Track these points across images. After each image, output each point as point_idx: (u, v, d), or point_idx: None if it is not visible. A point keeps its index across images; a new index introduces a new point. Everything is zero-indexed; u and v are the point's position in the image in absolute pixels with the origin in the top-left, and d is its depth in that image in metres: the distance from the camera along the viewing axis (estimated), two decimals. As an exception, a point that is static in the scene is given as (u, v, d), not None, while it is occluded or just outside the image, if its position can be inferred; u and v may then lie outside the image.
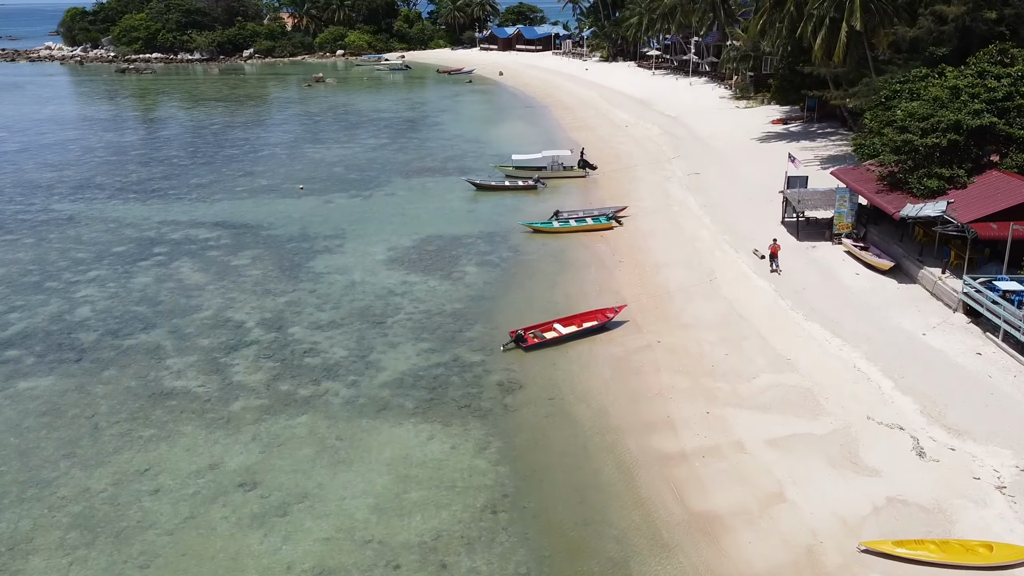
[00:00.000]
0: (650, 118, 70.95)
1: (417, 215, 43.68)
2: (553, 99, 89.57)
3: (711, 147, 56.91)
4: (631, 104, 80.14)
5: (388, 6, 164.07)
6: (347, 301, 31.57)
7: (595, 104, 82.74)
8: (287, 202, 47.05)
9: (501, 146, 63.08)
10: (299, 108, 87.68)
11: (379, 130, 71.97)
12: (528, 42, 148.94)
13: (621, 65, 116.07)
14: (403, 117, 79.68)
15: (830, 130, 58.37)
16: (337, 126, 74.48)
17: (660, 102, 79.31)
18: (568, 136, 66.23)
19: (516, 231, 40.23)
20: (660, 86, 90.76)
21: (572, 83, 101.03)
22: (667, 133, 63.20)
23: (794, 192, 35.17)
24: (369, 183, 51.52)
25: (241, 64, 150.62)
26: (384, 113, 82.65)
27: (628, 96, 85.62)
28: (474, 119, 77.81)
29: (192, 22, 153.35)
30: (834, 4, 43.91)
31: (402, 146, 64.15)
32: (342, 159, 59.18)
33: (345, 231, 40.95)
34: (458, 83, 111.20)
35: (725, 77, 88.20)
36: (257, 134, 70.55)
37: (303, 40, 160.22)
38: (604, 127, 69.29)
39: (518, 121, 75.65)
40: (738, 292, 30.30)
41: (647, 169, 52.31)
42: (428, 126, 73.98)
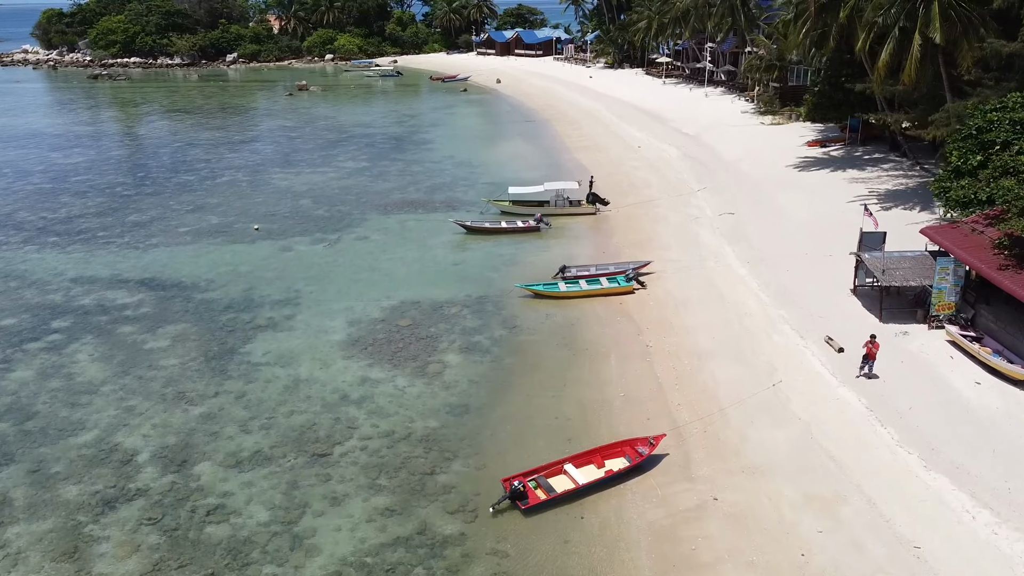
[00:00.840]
0: (666, 136, 62.76)
1: (391, 271, 35.46)
2: (555, 111, 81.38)
3: (741, 175, 48.74)
4: (643, 119, 71.97)
5: (380, 8, 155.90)
6: (284, 415, 23.39)
7: (602, 118, 74.56)
8: (236, 249, 38.83)
9: (497, 170, 54.98)
10: (275, 122, 79.44)
11: (360, 149, 63.77)
12: (528, 47, 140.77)
13: (628, 72, 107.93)
14: (388, 133, 71.48)
15: (878, 155, 50.23)
16: (313, 144, 66.26)
17: (675, 116, 71.15)
18: (574, 158, 58.09)
19: (513, 295, 32.07)
20: (673, 97, 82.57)
21: (575, 92, 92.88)
22: (687, 156, 55.00)
23: (876, 258, 26.96)
24: (339, 221, 43.34)
25: (224, 69, 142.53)
26: (368, 128, 74.45)
27: (638, 109, 77.44)
28: (467, 136, 69.63)
29: (172, 25, 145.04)
30: (904, 11, 35.71)
31: (383, 170, 55.96)
32: (312, 188, 50.99)
33: (299, 294, 32.75)
34: (452, 92, 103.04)
35: (746, 88, 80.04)
36: (221, 155, 62.31)
37: (290, 44, 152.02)
38: (614, 147, 61.11)
39: (516, 139, 67.47)
40: (816, 409, 22.14)
41: (669, 204, 44.13)
42: (415, 144, 65.80)
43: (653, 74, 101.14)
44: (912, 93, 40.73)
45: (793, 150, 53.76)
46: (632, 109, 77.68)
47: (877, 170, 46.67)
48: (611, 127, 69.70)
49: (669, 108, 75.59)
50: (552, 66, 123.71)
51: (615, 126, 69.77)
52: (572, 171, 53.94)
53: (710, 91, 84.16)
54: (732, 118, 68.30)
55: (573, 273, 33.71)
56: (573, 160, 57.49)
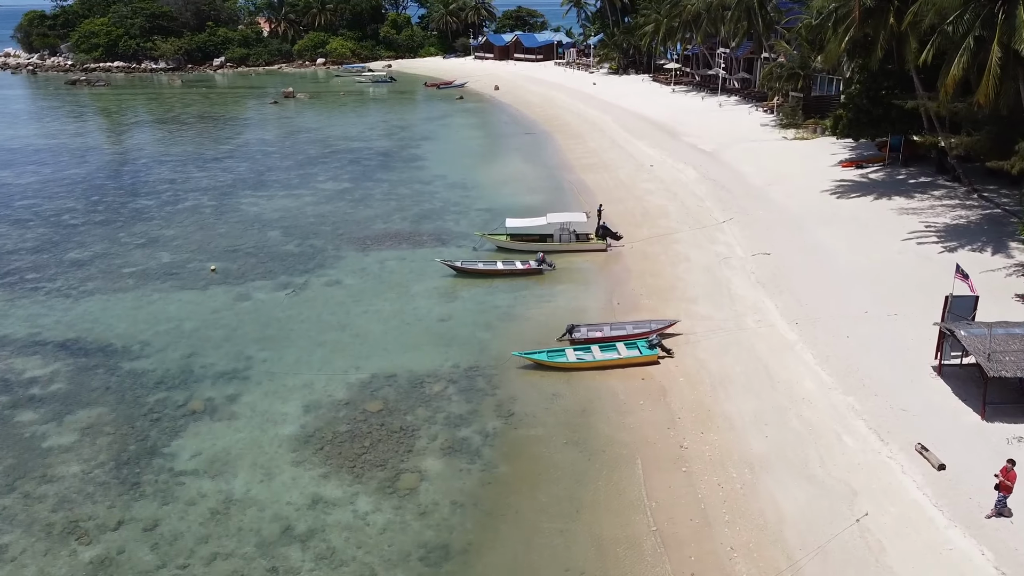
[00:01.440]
0: (680, 153, 56.85)
1: (364, 329, 29.55)
2: (558, 122, 75.51)
3: (771, 203, 42.84)
4: (653, 132, 66.07)
5: (374, 10, 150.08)
6: (203, 560, 17.48)
7: (608, 130, 68.67)
8: (185, 298, 32.94)
9: (493, 194, 49.15)
10: (254, 134, 73.54)
11: (343, 167, 57.85)
12: (527, 51, 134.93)
13: (634, 79, 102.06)
14: (376, 148, 65.57)
15: (924, 179, 44.37)
16: (292, 161, 60.34)
17: (689, 129, 65.26)
18: (578, 179, 52.22)
19: (510, 364, 26.19)
20: (684, 107, 76.69)
21: (578, 101, 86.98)
22: (707, 178, 49.10)
23: (977, 337, 20.99)
24: (310, 259, 37.42)
25: (211, 74, 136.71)
26: (354, 141, 68.54)
27: (648, 120, 71.55)
28: (461, 151, 63.70)
29: (157, 27, 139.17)
30: (979, 18, 29.82)
31: (366, 193, 50.06)
32: (285, 215, 45.11)
33: (250, 364, 26.84)
34: (447, 99, 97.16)
35: (763, 98, 74.21)
36: (188, 174, 56.40)
37: (280, 47, 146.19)
38: (623, 165, 55.22)
39: (515, 155, 61.56)
40: (923, 566, 16.22)
41: (691, 239, 38.24)
42: (404, 162, 59.88)
43: (661, 81, 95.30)
44: (976, 113, 34.86)
45: (826, 171, 47.91)
46: (641, 120, 71.78)
47: (928, 198, 40.76)
48: (619, 141, 63.78)
49: (681, 120, 69.69)
50: (553, 72, 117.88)
51: (623, 140, 63.84)
52: (577, 194, 48.16)
53: (724, 100, 78.28)
54: (751, 132, 62.46)
55: (583, 335, 27.83)
56: (578, 181, 51.61)
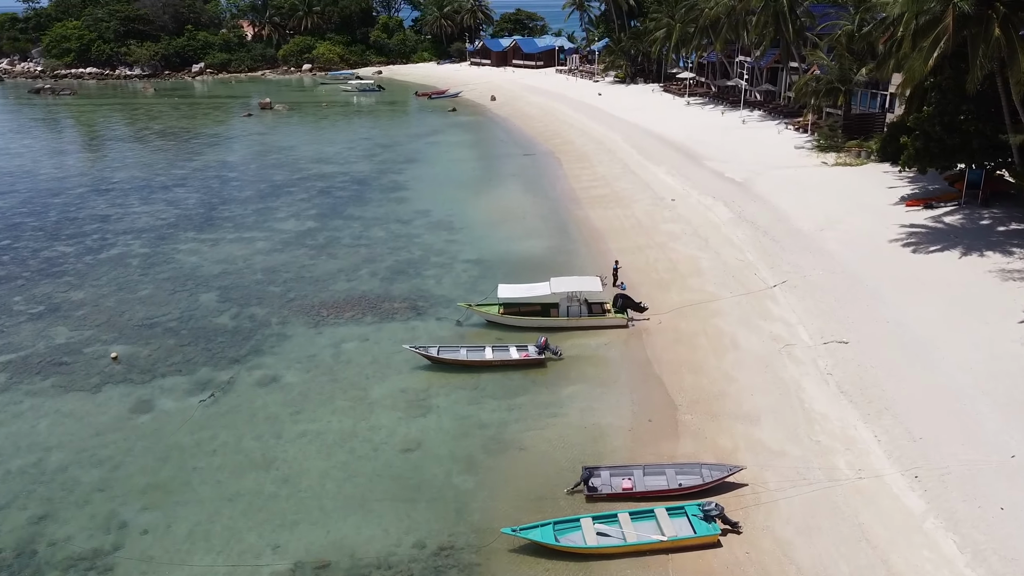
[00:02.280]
0: (706, 184, 48.39)
1: (297, 470, 21.05)
2: (560, 140, 67.13)
3: (829, 257, 34.34)
4: (670, 154, 57.63)
5: (364, 13, 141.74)
6: None
7: (619, 152, 60.24)
8: (65, 407, 24.48)
9: (484, 237, 40.78)
10: (218, 155, 65.06)
11: (310, 200, 49.44)
12: (527, 56, 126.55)
13: (642, 89, 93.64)
14: (352, 173, 57.13)
15: (1017, 225, 35.93)
16: (252, 191, 51.91)
17: (712, 151, 56.82)
18: (587, 217, 43.88)
19: (499, 544, 17.77)
20: (703, 123, 68.27)
21: (583, 115, 78.55)
22: (743, 219, 40.66)
23: None
24: (245, 341, 29.00)
25: (189, 81, 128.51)
26: (329, 164, 60.11)
27: (662, 139, 63.11)
28: (450, 178, 55.23)
29: (132, 31, 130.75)
30: None
31: (332, 237, 41.64)
32: (227, 271, 36.67)
33: (121, 538, 18.45)
34: (439, 111, 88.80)
35: (793, 113, 65.85)
36: (127, 208, 47.99)
37: (264, 52, 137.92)
38: (639, 198, 46.83)
39: (512, 183, 53.15)
40: None
41: (736, 311, 29.83)
42: (383, 192, 51.44)
43: (673, 91, 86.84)
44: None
45: (886, 212, 39.52)
46: (654, 139, 63.33)
47: (1029, 253, 32.37)
48: (632, 166, 55.32)
49: (701, 139, 61.23)
50: (554, 80, 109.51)
51: (637, 165, 55.37)
52: (587, 239, 39.86)
53: (746, 115, 69.85)
54: (785, 156, 54.07)
55: (605, 486, 19.45)
56: (586, 221, 43.26)
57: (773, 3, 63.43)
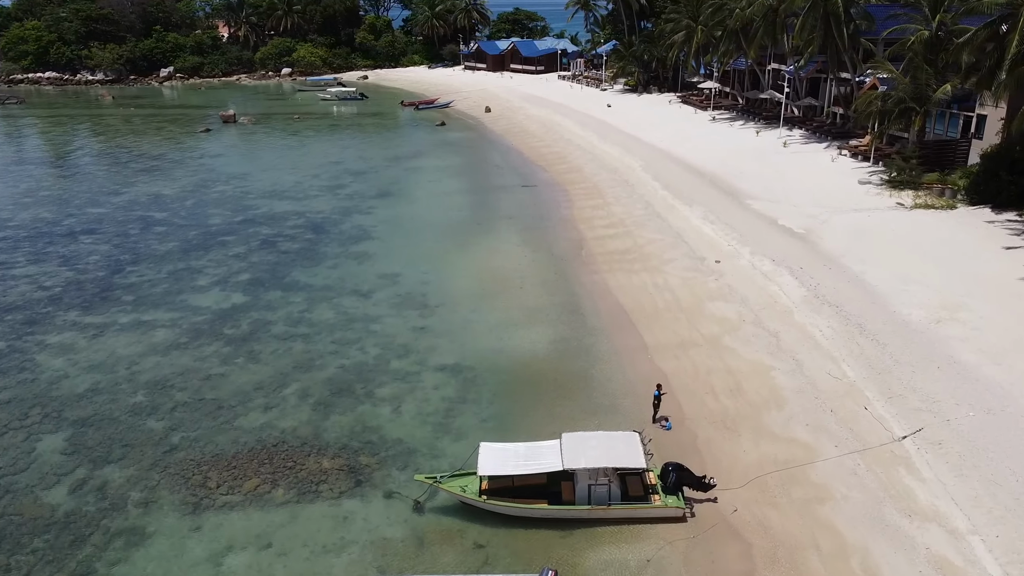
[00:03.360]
0: (757, 236, 37.32)
1: None
2: (566, 168, 56.19)
3: (971, 376, 23.29)
4: (703, 189, 46.65)
5: (349, 13, 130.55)
6: None
7: (639, 185, 49.24)
8: None
9: (467, 324, 29.81)
10: (151, 185, 53.93)
11: (246, 257, 38.40)
12: (526, 61, 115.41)
13: (657, 99, 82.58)
14: (308, 215, 46.08)
15: None
16: (176, 241, 40.90)
17: (754, 186, 45.88)
18: (605, 285, 32.99)
19: None
20: (735, 145, 57.26)
21: (591, 131, 67.61)
22: (822, 299, 29.58)
23: None
24: (69, 551, 18.01)
25: (156, 87, 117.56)
26: (283, 200, 49.10)
27: (690, 167, 52.15)
28: (430, 223, 44.14)
29: (94, 32, 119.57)
30: None
31: (260, 323, 30.56)
32: (98, 385, 25.68)
33: None
34: (426, 126, 77.86)
35: (845, 134, 54.95)
36: (2, 270, 36.94)
37: (240, 55, 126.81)
38: (672, 256, 35.81)
39: (508, 231, 42.13)
40: None
41: (855, 493, 18.79)
42: (342, 244, 40.42)
43: (694, 103, 75.71)
44: None
45: (1018, 288, 28.63)
46: (681, 168, 52.36)
47: None
48: (656, 206, 44.33)
49: (738, 168, 50.26)
50: (556, 87, 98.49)
51: (663, 204, 44.37)
52: (609, 328, 28.99)
53: (786, 135, 58.79)
54: (847, 192, 43.23)
55: None
56: (605, 293, 32.35)
57: (823, 2, 52.47)
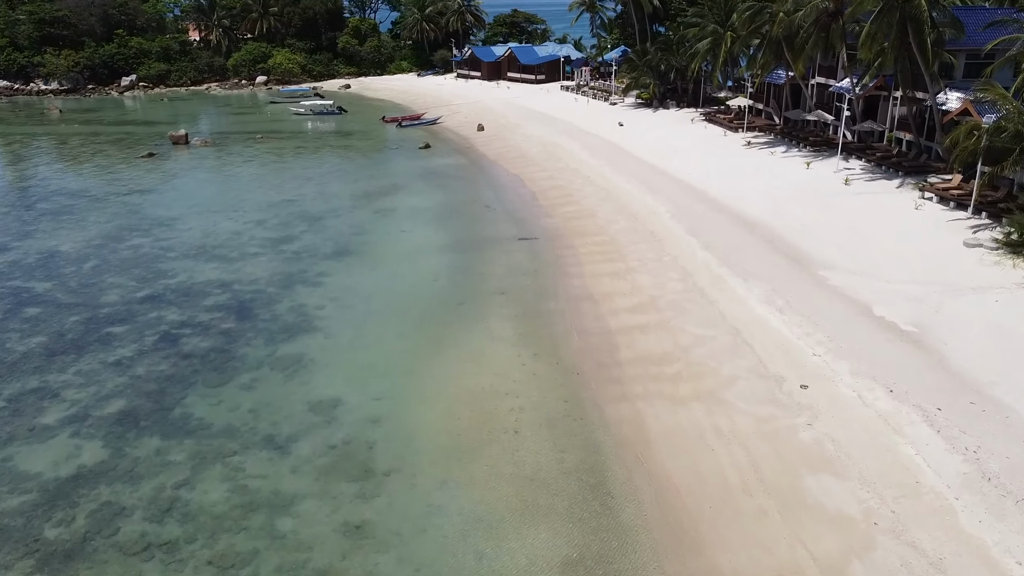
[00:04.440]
0: (850, 336, 26.16)
1: None
2: (575, 211, 45.19)
3: None
4: (757, 250, 35.51)
5: (331, 15, 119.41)
6: None
7: (671, 242, 38.09)
8: None
9: (435, 511, 18.63)
10: (49, 236, 42.67)
11: (130, 367, 27.24)
12: (524, 69, 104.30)
13: (676, 117, 71.50)
14: (236, 287, 34.88)
15: None
16: (45, 335, 29.74)
17: (826, 251, 34.69)
18: (642, 424, 22.00)
19: None
20: (785, 183, 46.13)
21: (602, 159, 56.61)
22: (994, 481, 18.65)
23: None
24: None
25: (116, 97, 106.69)
26: (209, 262, 37.99)
27: (735, 215, 40.95)
28: (395, 303, 32.88)
29: (49, 37, 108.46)
30: None
31: (105, 517, 19.42)
32: None
33: None
34: (407, 148, 66.91)
35: (920, 168, 44.00)
36: None
37: (212, 61, 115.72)
38: (731, 372, 24.74)
39: (499, 318, 30.95)
40: None
41: None
42: (269, 340, 29.25)
43: (721, 123, 64.54)
44: None
45: None
46: (723, 216, 41.22)
47: None
48: (697, 277, 33.18)
49: (797, 218, 39.14)
50: (559, 100, 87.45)
51: (707, 276, 33.17)
52: (659, 537, 17.87)
53: (845, 168, 47.76)
54: (951, 257, 32.29)
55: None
56: (642, 441, 21.42)
57: (900, 4, 41.49)
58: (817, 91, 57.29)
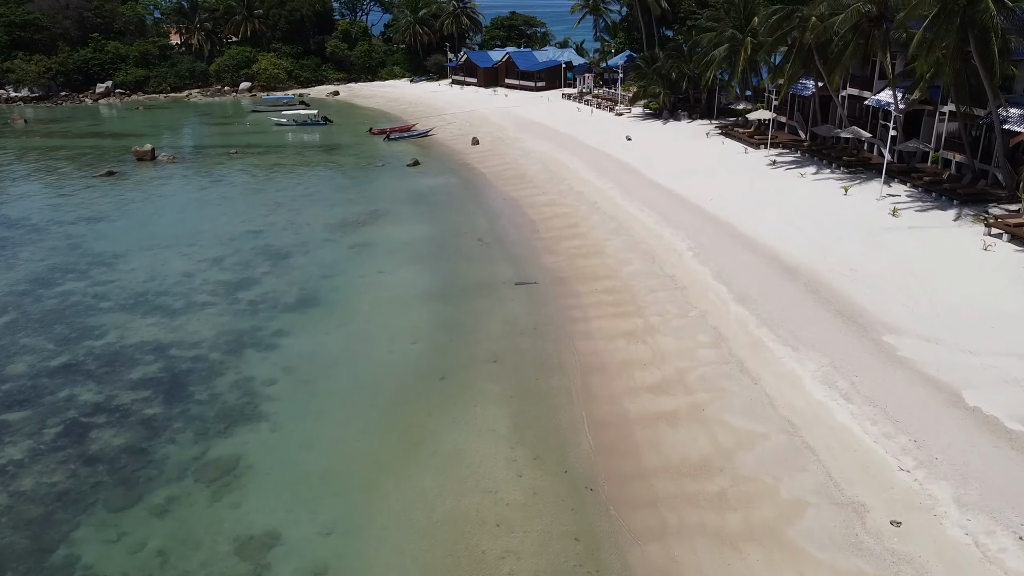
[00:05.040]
0: (941, 439, 20.15)
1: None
2: (581, 245, 39.15)
3: None
4: (804, 304, 29.39)
5: (319, 18, 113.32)
6: None
7: (697, 292, 32.00)
8: None
9: None
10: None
11: (10, 483, 21.27)
12: (523, 75, 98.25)
13: (689, 129, 65.44)
14: (172, 355, 28.72)
15: None
16: (-80, 426, 23.81)
17: (889, 307, 28.54)
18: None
19: None
20: (827, 217, 39.94)
21: (609, 179, 50.59)
22: None
23: None
24: None
25: (90, 105, 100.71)
26: (145, 318, 31.88)
27: (771, 255, 34.81)
28: (360, 378, 26.77)
29: (19, 41, 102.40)
30: None
31: None
32: None
33: None
34: (394, 165, 60.99)
35: (978, 196, 37.94)
36: None
37: (193, 67, 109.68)
38: (796, 494, 18.78)
39: (491, 397, 24.90)
40: None
41: None
42: (199, 435, 23.16)
43: (740, 138, 58.46)
44: None
45: None
46: (757, 256, 35.09)
47: None
48: (733, 342, 27.11)
49: (846, 261, 33.02)
50: (561, 110, 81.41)
51: (744, 341, 27.09)
52: None
53: (894, 196, 41.76)
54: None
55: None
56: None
57: (961, 8, 35.48)
58: (849, 104, 51.25)
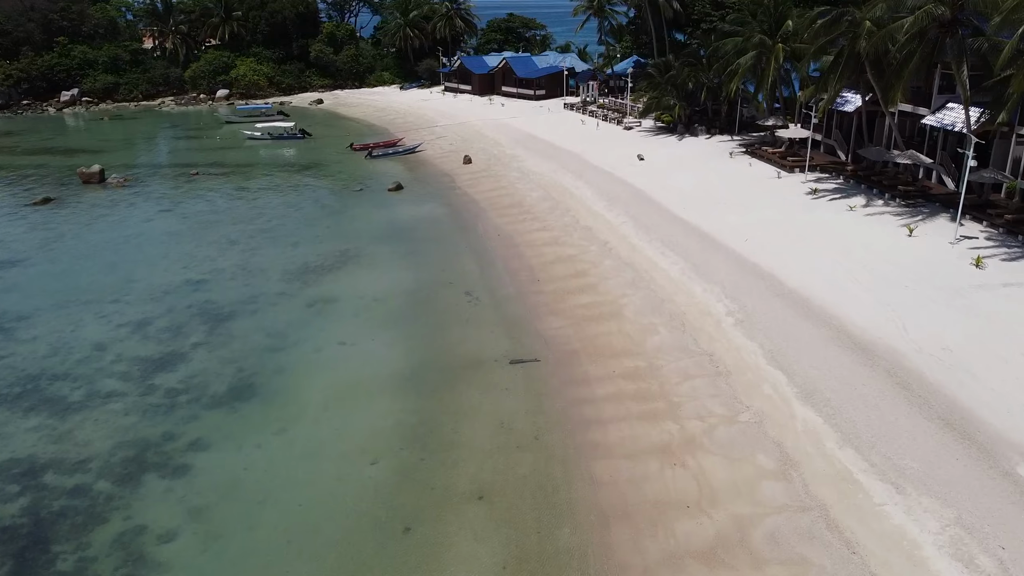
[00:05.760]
0: None
1: None
2: (591, 304, 31.77)
3: None
4: (898, 412, 22.06)
5: (302, 20, 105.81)
6: None
7: (742, 377, 24.62)
8: None
9: None
10: None
11: None
12: (521, 83, 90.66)
13: (707, 147, 57.86)
14: (35, 497, 21.25)
15: None
16: None
17: (999, 406, 21.29)
18: None
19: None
20: (895, 268, 32.47)
21: (624, 214, 43.17)
22: None
23: None
24: None
25: (53, 114, 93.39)
26: (27, 419, 24.46)
27: (833, 323, 27.42)
28: (295, 532, 19.24)
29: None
30: None
31: None
32: None
33: None
34: (373, 188, 53.68)
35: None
36: None
37: (167, 73, 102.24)
38: None
39: (473, 567, 17.56)
40: None
41: None
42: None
43: (770, 159, 50.98)
44: None
45: None
46: (817, 327, 27.69)
47: None
48: (803, 466, 19.74)
49: (938, 339, 25.54)
50: (563, 122, 73.98)
51: (818, 469, 19.65)
52: None
53: (961, 235, 34.39)
54: None
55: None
56: None
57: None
58: (899, 122, 43.85)
